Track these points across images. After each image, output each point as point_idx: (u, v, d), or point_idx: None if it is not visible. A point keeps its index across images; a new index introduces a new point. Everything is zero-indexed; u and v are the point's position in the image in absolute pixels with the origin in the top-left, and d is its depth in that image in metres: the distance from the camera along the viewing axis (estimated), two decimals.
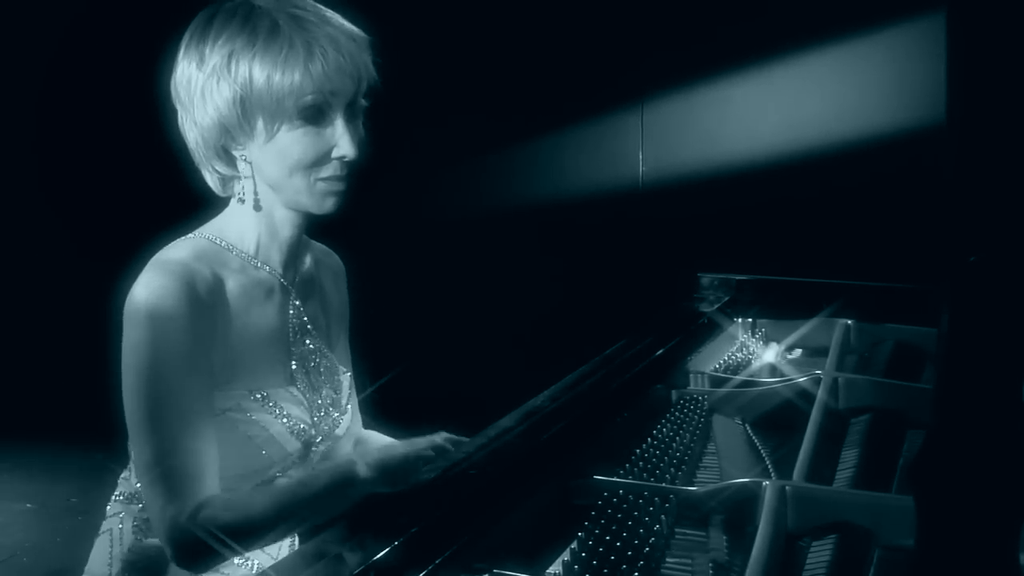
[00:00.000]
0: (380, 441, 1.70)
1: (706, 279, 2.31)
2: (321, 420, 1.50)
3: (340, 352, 1.66)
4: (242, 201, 1.44)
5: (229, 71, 1.35)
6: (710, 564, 1.18)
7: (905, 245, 2.93)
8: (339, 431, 1.55)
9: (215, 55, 1.36)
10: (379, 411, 1.82)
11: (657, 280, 3.62)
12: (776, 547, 1.17)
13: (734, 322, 2.18)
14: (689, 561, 1.20)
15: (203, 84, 1.37)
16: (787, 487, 1.28)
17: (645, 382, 1.72)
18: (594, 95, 4.09)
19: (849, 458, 1.50)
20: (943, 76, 0.75)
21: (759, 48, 3.75)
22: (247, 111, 1.36)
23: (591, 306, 4.10)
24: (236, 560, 1.46)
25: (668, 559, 1.21)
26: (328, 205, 1.43)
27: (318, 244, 1.63)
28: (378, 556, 1.00)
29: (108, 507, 1.50)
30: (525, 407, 1.49)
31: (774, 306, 2.20)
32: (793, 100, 3.73)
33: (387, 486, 1.27)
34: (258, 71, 1.34)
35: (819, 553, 1.20)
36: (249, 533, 1.34)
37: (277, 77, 1.34)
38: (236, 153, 1.41)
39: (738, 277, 2.29)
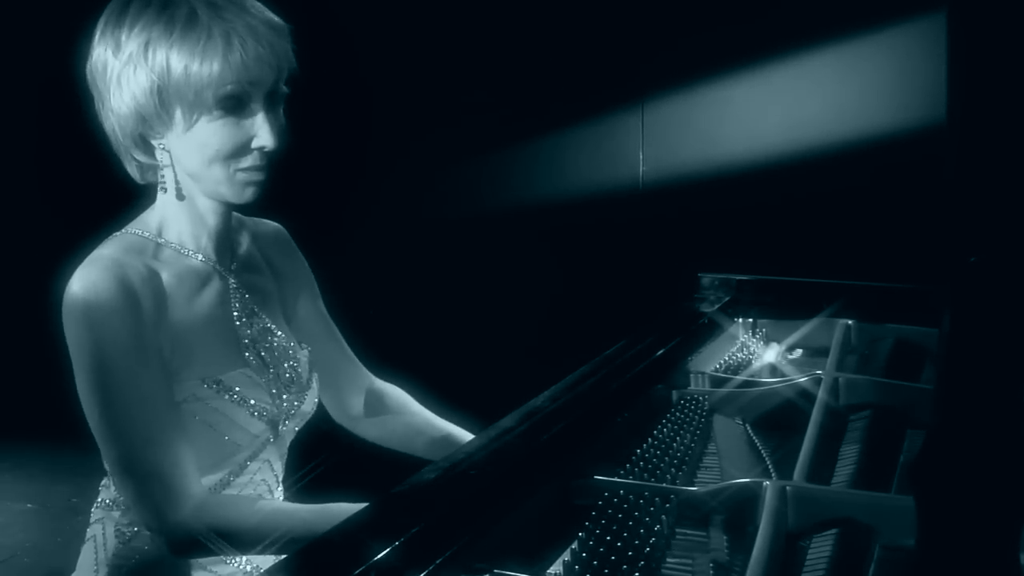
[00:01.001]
0: (408, 408, 1.71)
1: (706, 279, 2.31)
2: (283, 398, 1.48)
3: (305, 318, 1.64)
4: (164, 190, 1.42)
5: (146, 59, 1.32)
6: (711, 564, 1.18)
7: (906, 245, 2.93)
8: (306, 407, 1.53)
9: (131, 42, 1.33)
10: None
11: (657, 280, 3.62)
12: (777, 547, 1.17)
13: (735, 322, 2.18)
14: (690, 561, 1.20)
15: (119, 71, 1.34)
16: (788, 487, 1.28)
17: (645, 382, 1.72)
18: (594, 95, 4.09)
19: (849, 455, 1.50)
20: (943, 76, 0.75)
21: (759, 48, 3.75)
22: (164, 101, 1.33)
23: (591, 306, 4.10)
24: (236, 561, 1.45)
25: (669, 559, 1.21)
26: (247, 195, 1.40)
27: (256, 220, 1.61)
28: (378, 556, 1.00)
29: (91, 513, 1.49)
30: (525, 407, 1.49)
31: (775, 306, 2.20)
32: (793, 100, 3.73)
33: None
34: (176, 60, 1.31)
35: (819, 550, 1.20)
36: (252, 544, 1.33)
37: (195, 67, 1.31)
38: (154, 142, 1.39)
39: (738, 277, 2.29)
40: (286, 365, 1.52)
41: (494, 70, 4.18)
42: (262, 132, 1.36)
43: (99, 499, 1.48)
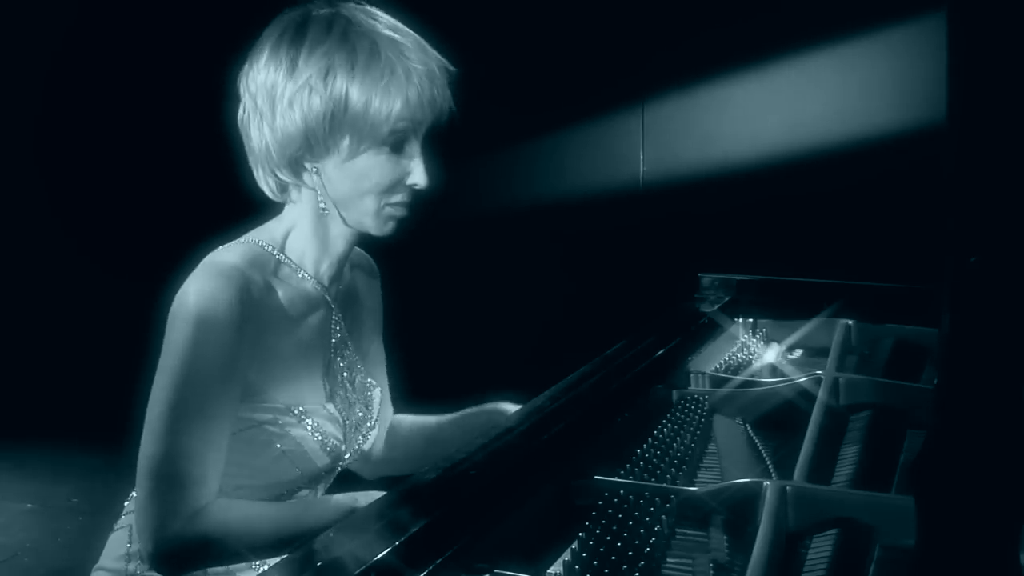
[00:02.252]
0: (430, 419, 1.70)
1: (707, 279, 2.31)
2: (352, 437, 1.49)
3: (372, 358, 1.64)
4: (324, 211, 1.42)
5: (325, 86, 1.33)
6: (711, 564, 1.18)
7: (906, 245, 2.93)
8: (366, 447, 1.54)
9: (310, 67, 1.34)
10: None
11: (657, 280, 3.62)
12: (777, 547, 1.17)
13: (735, 322, 2.18)
14: (690, 561, 1.20)
15: (292, 93, 1.35)
16: (788, 487, 1.28)
17: (646, 382, 1.72)
18: (595, 95, 4.09)
19: (849, 455, 1.50)
20: (943, 76, 0.75)
21: (760, 48, 3.75)
22: (336, 128, 1.35)
23: (591, 306, 4.10)
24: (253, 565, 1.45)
25: (669, 559, 1.20)
26: (388, 228, 1.43)
27: (355, 248, 1.61)
28: (378, 556, 1.00)
29: (127, 502, 1.49)
30: (526, 407, 1.49)
31: (775, 306, 2.20)
32: (793, 100, 3.73)
33: None
34: (356, 93, 1.33)
35: (819, 550, 1.20)
36: (239, 550, 1.33)
37: (376, 102, 1.33)
38: (307, 164, 1.39)
39: (739, 277, 2.29)
40: (360, 404, 1.52)
41: (494, 70, 4.18)
42: (417, 171, 1.40)
43: (134, 492, 1.48)
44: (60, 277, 4.80)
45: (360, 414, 1.51)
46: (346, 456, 1.49)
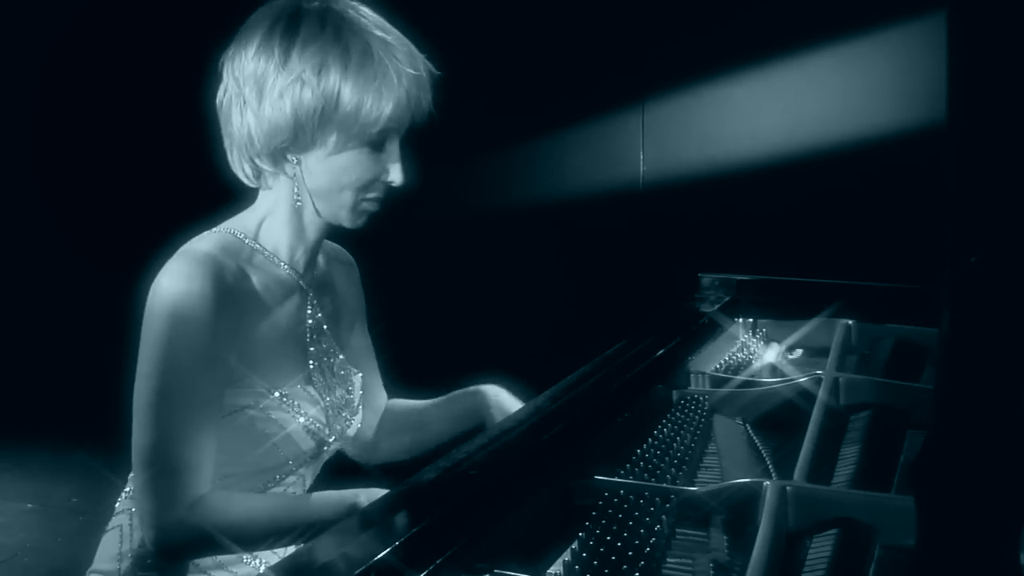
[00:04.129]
0: (418, 403, 1.73)
1: (707, 279, 2.31)
2: (334, 420, 1.50)
3: (356, 348, 1.67)
4: (298, 203, 1.44)
5: (318, 82, 1.35)
6: (711, 564, 1.18)
7: (906, 245, 2.93)
8: (350, 431, 1.55)
9: (303, 61, 1.35)
10: None
11: (657, 280, 3.62)
12: (777, 547, 1.17)
13: (735, 322, 2.18)
14: (690, 561, 1.20)
15: (283, 85, 1.36)
16: (788, 487, 1.28)
17: (646, 382, 1.72)
18: (595, 95, 4.09)
19: (849, 455, 1.50)
20: (943, 76, 0.75)
21: (760, 48, 3.75)
22: (324, 124, 1.37)
23: (592, 306, 4.10)
24: (244, 558, 1.46)
25: (669, 559, 1.20)
26: (361, 222, 1.46)
27: (329, 242, 1.63)
28: (378, 556, 1.00)
29: (117, 503, 1.50)
30: (526, 407, 1.49)
31: (775, 306, 2.20)
32: (793, 100, 3.73)
33: None
34: (349, 92, 1.35)
35: (819, 550, 1.20)
36: (240, 539, 1.34)
37: (368, 103, 1.35)
38: (289, 155, 1.41)
39: (739, 277, 2.29)
40: (341, 388, 1.54)
41: (495, 70, 4.18)
42: (394, 169, 1.43)
43: (127, 489, 1.49)
44: (60, 277, 4.80)
45: (342, 398, 1.53)
46: (330, 440, 1.49)
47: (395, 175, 1.43)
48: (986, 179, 0.75)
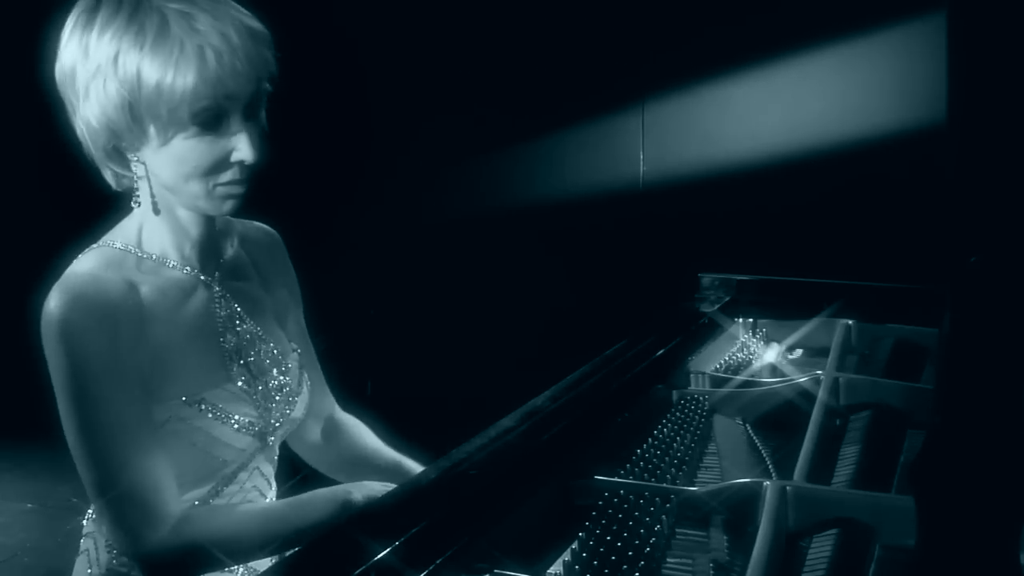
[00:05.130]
0: (376, 447, 1.64)
1: (707, 279, 2.31)
2: (272, 409, 1.44)
3: (292, 327, 1.59)
4: (138, 204, 1.35)
5: (116, 71, 1.24)
6: (711, 564, 1.18)
7: (906, 245, 2.93)
8: (296, 414, 1.48)
9: (100, 51, 1.25)
10: (380, 412, 1.82)
11: (658, 280, 3.62)
12: (777, 547, 1.17)
13: (735, 322, 2.18)
14: (690, 561, 1.20)
15: (88, 81, 1.27)
16: (788, 487, 1.28)
17: (646, 382, 1.72)
18: (595, 95, 4.09)
19: (849, 455, 1.50)
20: (944, 76, 0.75)
21: (760, 48, 3.75)
22: (136, 116, 1.26)
23: (592, 306, 4.10)
24: (233, 569, 1.44)
25: (669, 559, 1.20)
26: (227, 208, 1.34)
27: (245, 222, 1.54)
28: (378, 556, 1.00)
29: (83, 526, 1.46)
30: (526, 407, 1.49)
31: (775, 306, 2.20)
32: (794, 100, 3.73)
33: None
34: (147, 74, 1.23)
35: (819, 550, 1.20)
36: (229, 553, 1.31)
37: (168, 81, 1.23)
38: (129, 155, 1.32)
39: (739, 277, 2.29)
40: (275, 372, 1.46)
41: (494, 70, 4.18)
42: (242, 146, 1.29)
43: (89, 511, 1.44)
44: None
45: (277, 382, 1.46)
46: (271, 430, 1.44)
47: (244, 152, 1.28)
48: (986, 179, 0.75)
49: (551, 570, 1.19)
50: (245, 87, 1.27)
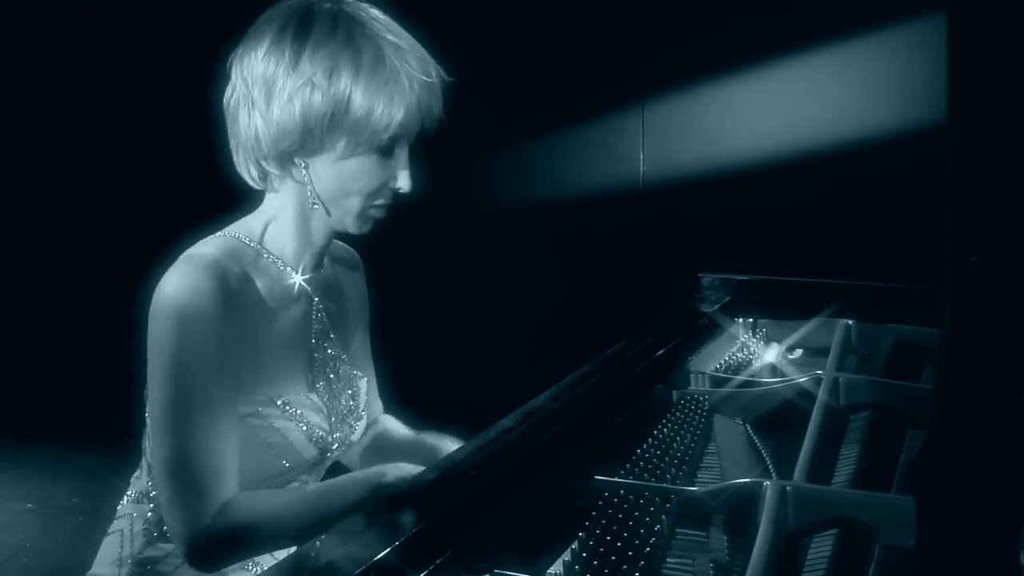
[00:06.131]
0: (398, 431, 1.68)
1: (707, 279, 2.31)
2: (338, 427, 1.48)
3: (357, 349, 1.64)
4: (313, 206, 1.43)
5: (329, 86, 1.33)
6: (711, 564, 1.18)
7: (906, 245, 2.93)
8: (354, 437, 1.54)
9: (314, 64, 1.33)
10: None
11: (658, 280, 3.62)
12: (777, 547, 1.17)
13: (735, 322, 2.18)
14: (690, 561, 1.20)
15: (293, 88, 1.34)
16: (788, 487, 1.28)
17: (646, 382, 1.72)
18: (595, 95, 4.09)
19: (849, 455, 1.50)
20: (944, 76, 0.75)
21: (760, 48, 3.75)
22: (334, 128, 1.35)
23: (592, 306, 4.10)
24: (245, 565, 1.45)
25: (669, 559, 1.21)
26: (367, 228, 1.45)
27: (336, 242, 1.61)
28: (378, 556, 1.00)
29: (119, 507, 1.48)
30: (526, 407, 1.49)
31: (775, 306, 2.20)
32: (794, 100, 3.73)
33: None
34: (360, 97, 1.33)
35: (819, 550, 1.20)
36: (271, 538, 1.33)
37: (379, 109, 1.34)
38: (297, 159, 1.39)
39: (739, 277, 2.29)
40: (347, 394, 1.52)
41: (495, 70, 4.18)
42: (403, 176, 1.41)
43: (129, 492, 1.47)
44: (59, 277, 4.80)
45: (346, 404, 1.51)
46: (334, 447, 1.48)
47: (403, 182, 1.42)
48: (986, 179, 0.75)
49: (551, 570, 1.19)
50: (426, 123, 1.40)
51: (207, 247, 1.38)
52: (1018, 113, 0.73)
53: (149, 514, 1.43)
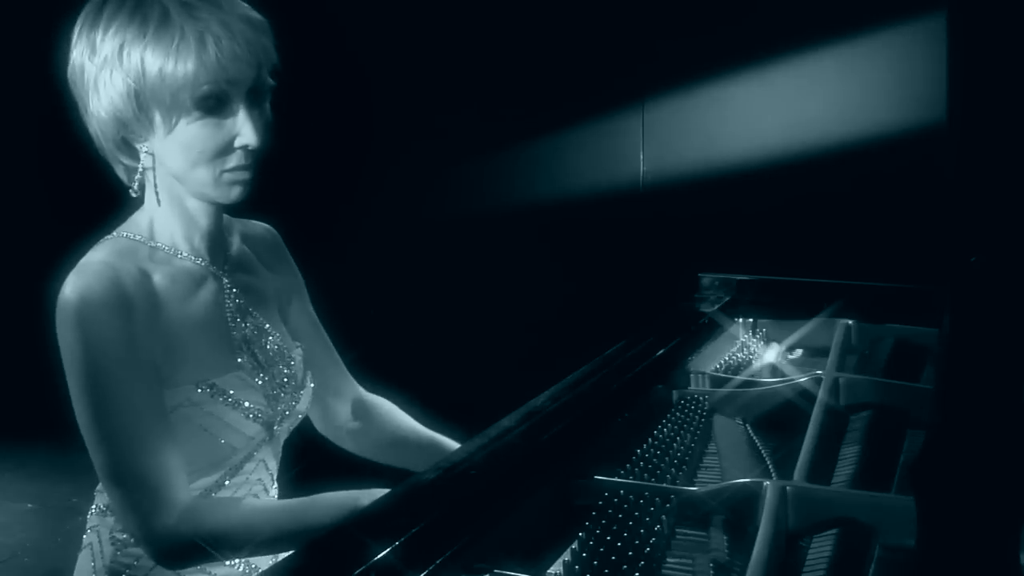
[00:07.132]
0: (416, 428, 1.68)
1: (707, 279, 2.31)
2: (278, 399, 1.48)
3: (297, 324, 1.63)
4: (135, 194, 1.40)
5: (121, 62, 1.30)
6: (711, 564, 1.18)
7: (906, 245, 2.93)
8: (301, 407, 1.52)
9: (106, 45, 1.31)
10: None
11: (658, 280, 3.62)
12: (777, 547, 1.17)
13: (735, 322, 2.18)
14: (690, 561, 1.20)
15: (96, 75, 1.32)
16: (788, 487, 1.28)
17: (646, 382, 1.72)
18: (595, 95, 4.09)
19: (849, 455, 1.50)
20: (944, 76, 0.75)
21: (760, 48, 3.75)
22: (142, 104, 1.31)
23: (592, 306, 4.10)
24: (232, 561, 1.45)
25: (669, 559, 1.21)
26: (234, 195, 1.38)
27: (244, 221, 1.59)
28: (378, 556, 1.00)
29: (87, 520, 1.48)
30: (526, 407, 1.49)
31: (775, 306, 2.20)
32: (794, 100, 3.73)
33: None
34: (150, 62, 1.29)
35: (819, 550, 1.20)
36: (238, 546, 1.32)
37: (170, 68, 1.29)
38: (137, 146, 1.37)
39: (739, 277, 2.29)
40: (281, 366, 1.51)
41: (496, 70, 4.19)
42: (245, 130, 1.33)
43: (94, 505, 1.46)
44: (58, 278, 4.80)
45: (282, 376, 1.50)
46: (279, 419, 1.47)
47: (247, 136, 1.33)
48: (986, 179, 0.75)
49: (551, 570, 1.19)
50: (245, 72, 1.32)
51: (97, 253, 1.38)
52: (1018, 113, 0.73)
53: (112, 522, 1.43)
